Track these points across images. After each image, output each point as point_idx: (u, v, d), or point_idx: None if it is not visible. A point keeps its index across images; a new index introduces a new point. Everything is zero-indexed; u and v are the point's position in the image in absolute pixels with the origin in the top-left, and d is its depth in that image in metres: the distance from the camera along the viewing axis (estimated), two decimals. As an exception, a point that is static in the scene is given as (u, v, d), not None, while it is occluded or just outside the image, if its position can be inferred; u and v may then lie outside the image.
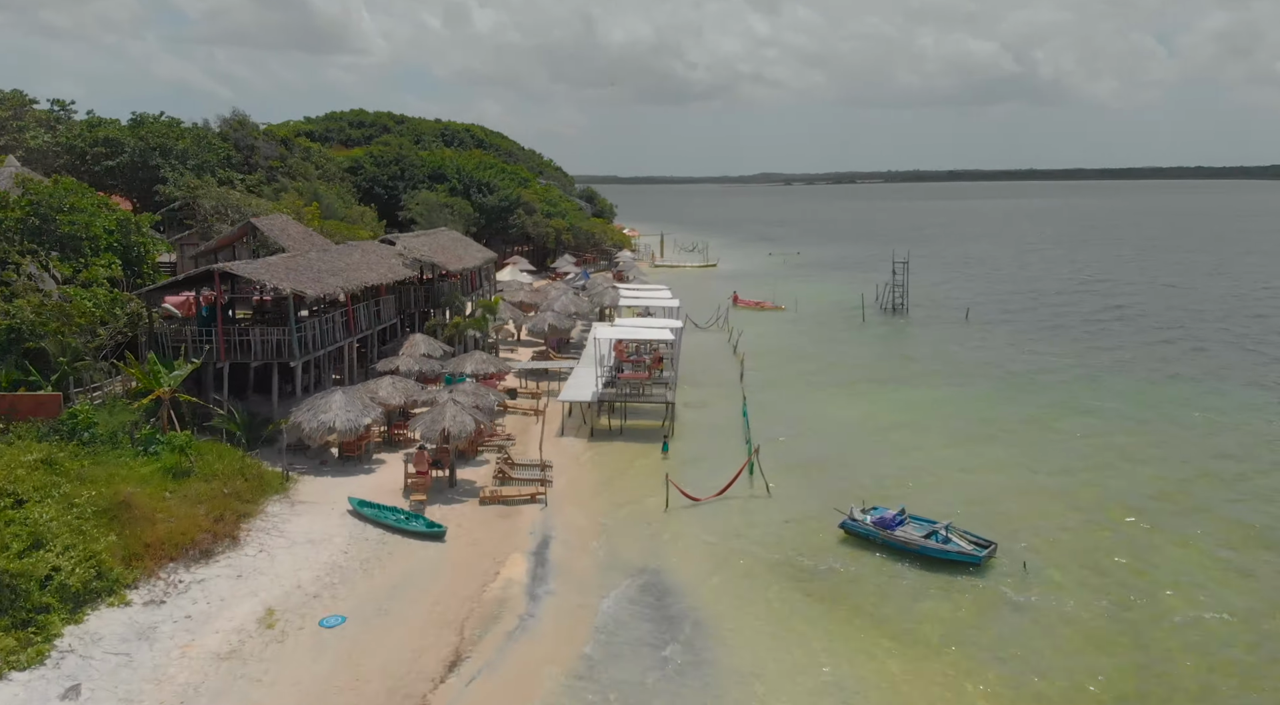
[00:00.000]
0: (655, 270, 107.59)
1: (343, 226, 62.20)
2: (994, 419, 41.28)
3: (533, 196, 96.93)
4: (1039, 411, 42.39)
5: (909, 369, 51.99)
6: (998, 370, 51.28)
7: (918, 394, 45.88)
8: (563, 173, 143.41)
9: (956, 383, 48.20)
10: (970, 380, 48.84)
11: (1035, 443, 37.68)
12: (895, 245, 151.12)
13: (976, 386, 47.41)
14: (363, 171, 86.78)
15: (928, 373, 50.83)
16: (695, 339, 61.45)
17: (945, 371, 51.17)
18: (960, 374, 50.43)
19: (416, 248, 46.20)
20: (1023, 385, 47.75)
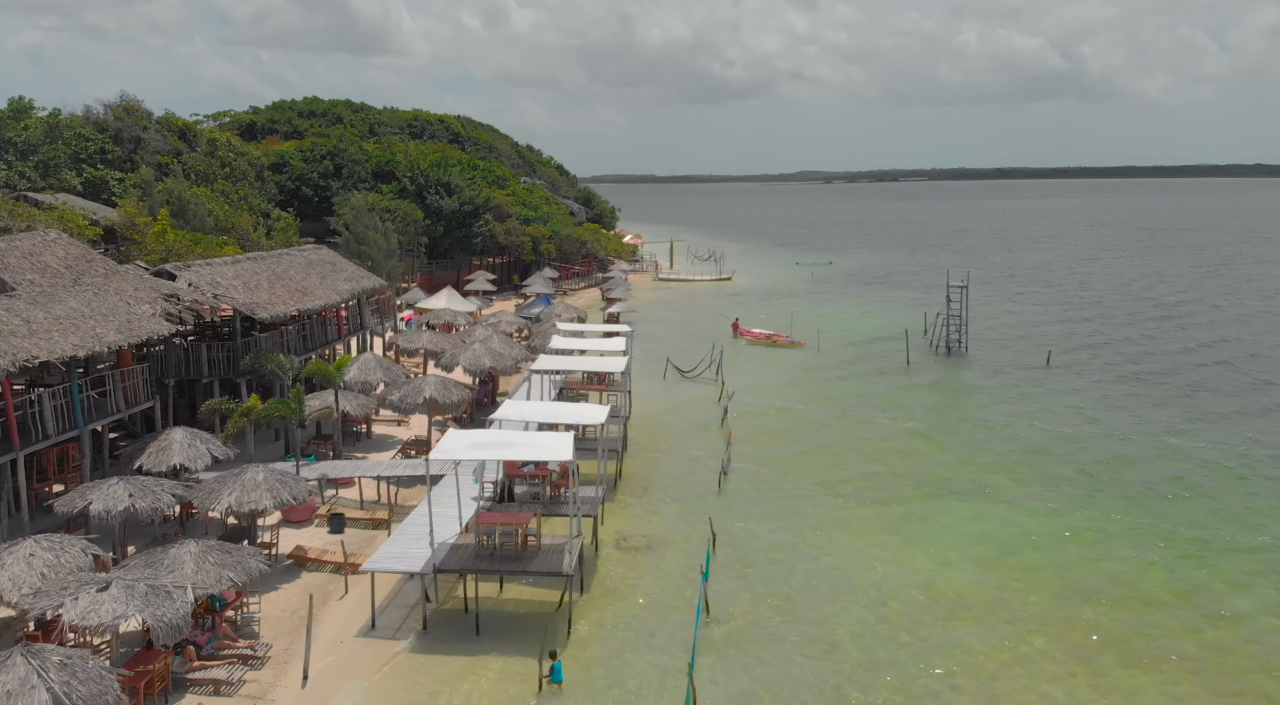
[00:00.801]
0: (659, 285, 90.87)
1: (206, 242, 46.33)
2: (1171, 592, 23.95)
3: (506, 199, 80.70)
4: (1241, 571, 25.00)
5: (987, 461, 34.53)
6: (1132, 471, 33.34)
7: (1010, 523, 28.42)
8: (560, 172, 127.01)
9: (1074, 498, 30.38)
10: (1094, 492, 31.02)
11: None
12: (940, 252, 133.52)
13: (1109, 508, 29.65)
14: (288, 169, 71.19)
15: (1017, 469, 33.34)
16: (674, 395, 44.60)
17: (1046, 468, 33.54)
18: (1074, 476, 32.52)
19: (213, 283, 30.00)
20: (1188, 507, 30.08)
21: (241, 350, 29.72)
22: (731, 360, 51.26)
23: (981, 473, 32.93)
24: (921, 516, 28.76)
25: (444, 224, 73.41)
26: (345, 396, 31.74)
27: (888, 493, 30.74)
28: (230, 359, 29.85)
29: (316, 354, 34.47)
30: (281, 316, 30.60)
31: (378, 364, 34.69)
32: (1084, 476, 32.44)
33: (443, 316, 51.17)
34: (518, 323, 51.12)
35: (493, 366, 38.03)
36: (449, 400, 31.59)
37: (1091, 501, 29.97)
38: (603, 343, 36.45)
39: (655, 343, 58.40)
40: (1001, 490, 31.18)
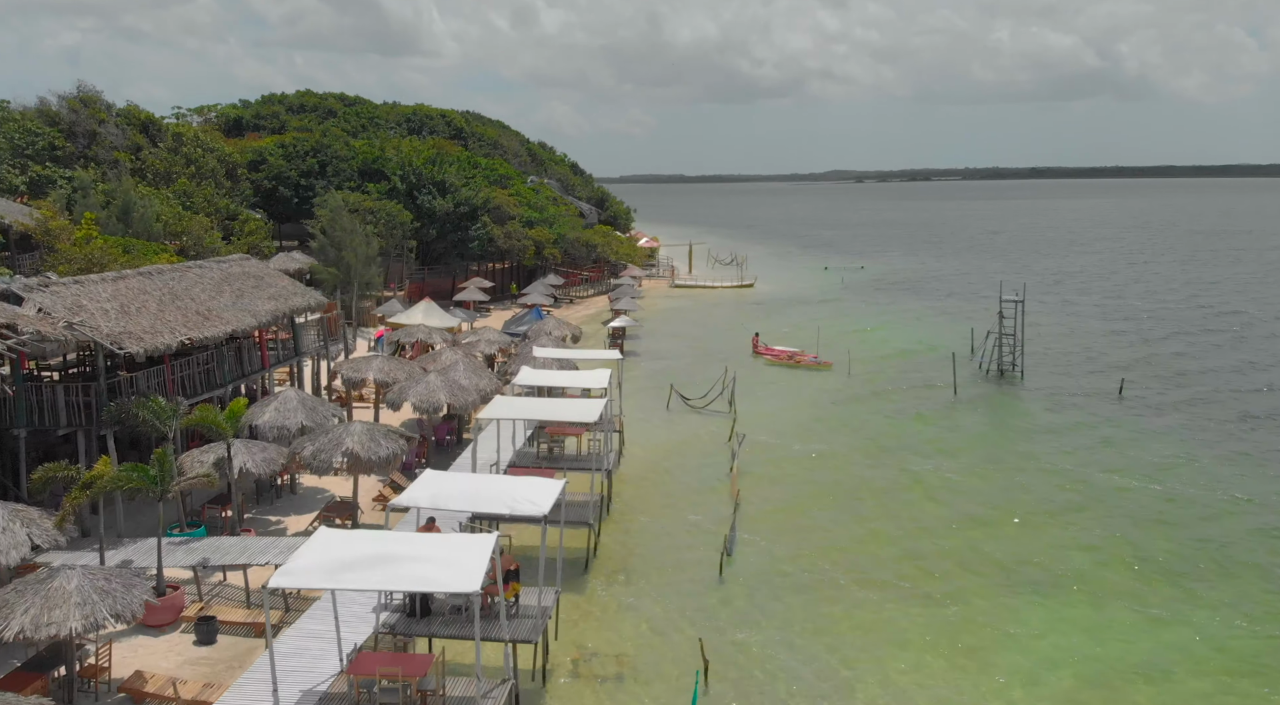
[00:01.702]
0: (674, 293, 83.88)
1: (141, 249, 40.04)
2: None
3: (508, 199, 74.04)
4: None
5: (1063, 534, 27.13)
6: (1260, 552, 25.89)
7: (1098, 637, 21.09)
8: (575, 171, 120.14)
9: (1183, 596, 23.01)
10: (1212, 587, 23.64)
11: None
12: (975, 255, 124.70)
13: (1236, 612, 22.27)
14: (266, 166, 64.99)
15: (1104, 548, 25.85)
16: (678, 431, 37.60)
17: (1143, 548, 26.06)
18: (1181, 561, 24.96)
19: (73, 308, 23.32)
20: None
21: (107, 393, 23.13)
22: (747, 385, 44.13)
23: (1057, 553, 25.54)
24: (982, 623, 21.51)
25: (437, 226, 66.88)
26: (249, 448, 25.09)
27: (937, 584, 23.51)
28: (92, 406, 23.28)
29: (234, 391, 27.93)
30: (162, 348, 24.00)
31: (300, 404, 27.99)
32: (1195, 562, 24.99)
33: (415, 333, 44.53)
34: (502, 341, 44.38)
35: (450, 402, 31.25)
36: (375, 455, 24.81)
37: (1209, 601, 22.57)
38: (582, 376, 29.50)
39: (662, 362, 51.44)
40: (1085, 581, 23.80)
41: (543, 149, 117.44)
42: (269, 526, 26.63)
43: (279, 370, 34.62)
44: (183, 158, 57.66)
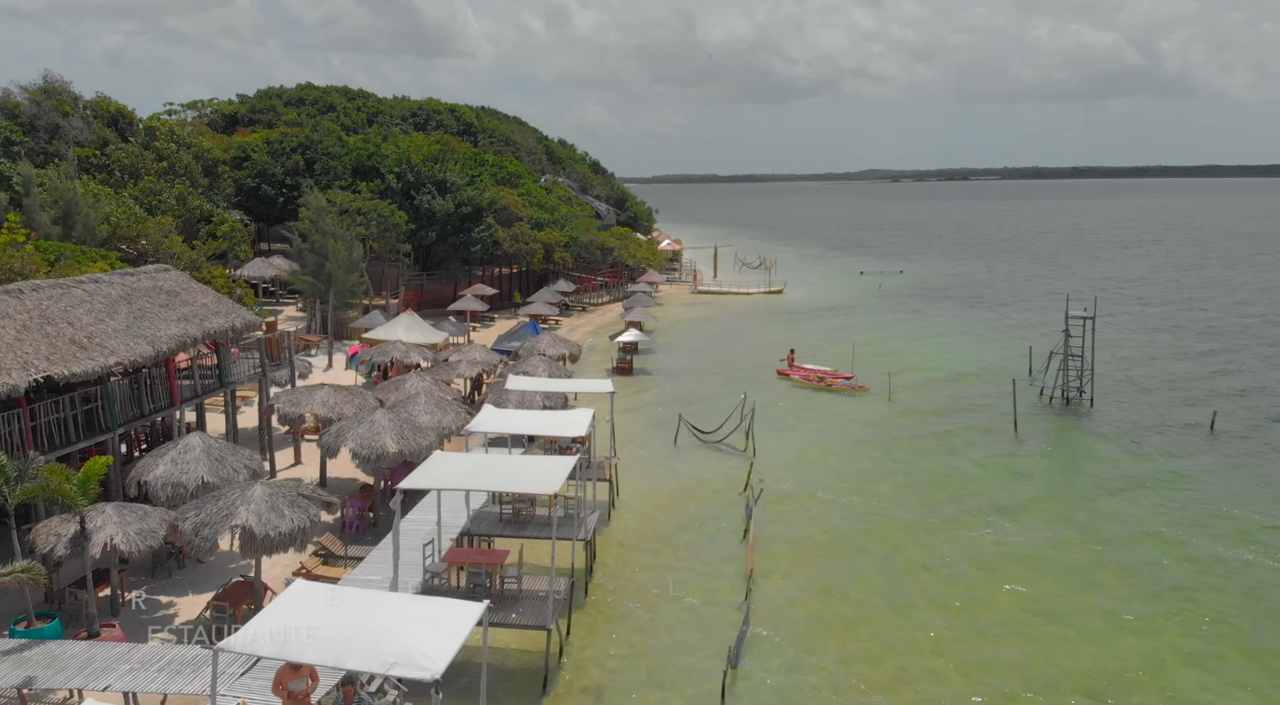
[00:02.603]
0: (695, 300, 77.82)
1: (77, 256, 34.96)
2: None
3: (516, 199, 68.43)
4: None
5: (1177, 639, 20.74)
6: None
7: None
8: (595, 169, 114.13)
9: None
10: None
11: None
12: (1017, 258, 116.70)
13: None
14: (250, 163, 59.92)
15: (1227, 658, 19.62)
16: (686, 471, 31.57)
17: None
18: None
19: None
20: None
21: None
22: (770, 413, 38.07)
23: (1175, 668, 19.23)
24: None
25: (436, 228, 61.45)
26: (124, 516, 19.55)
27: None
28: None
29: (129, 436, 22.49)
30: (2, 390, 18.53)
31: (204, 454, 22.41)
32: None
33: (391, 352, 38.93)
34: (489, 361, 38.65)
35: (399, 448, 25.54)
36: (275, 531, 19.12)
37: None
38: (556, 419, 23.57)
39: (675, 383, 45.47)
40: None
41: (562, 147, 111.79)
42: (154, 611, 21.12)
43: (211, 399, 29.13)
44: (153, 153, 52.76)
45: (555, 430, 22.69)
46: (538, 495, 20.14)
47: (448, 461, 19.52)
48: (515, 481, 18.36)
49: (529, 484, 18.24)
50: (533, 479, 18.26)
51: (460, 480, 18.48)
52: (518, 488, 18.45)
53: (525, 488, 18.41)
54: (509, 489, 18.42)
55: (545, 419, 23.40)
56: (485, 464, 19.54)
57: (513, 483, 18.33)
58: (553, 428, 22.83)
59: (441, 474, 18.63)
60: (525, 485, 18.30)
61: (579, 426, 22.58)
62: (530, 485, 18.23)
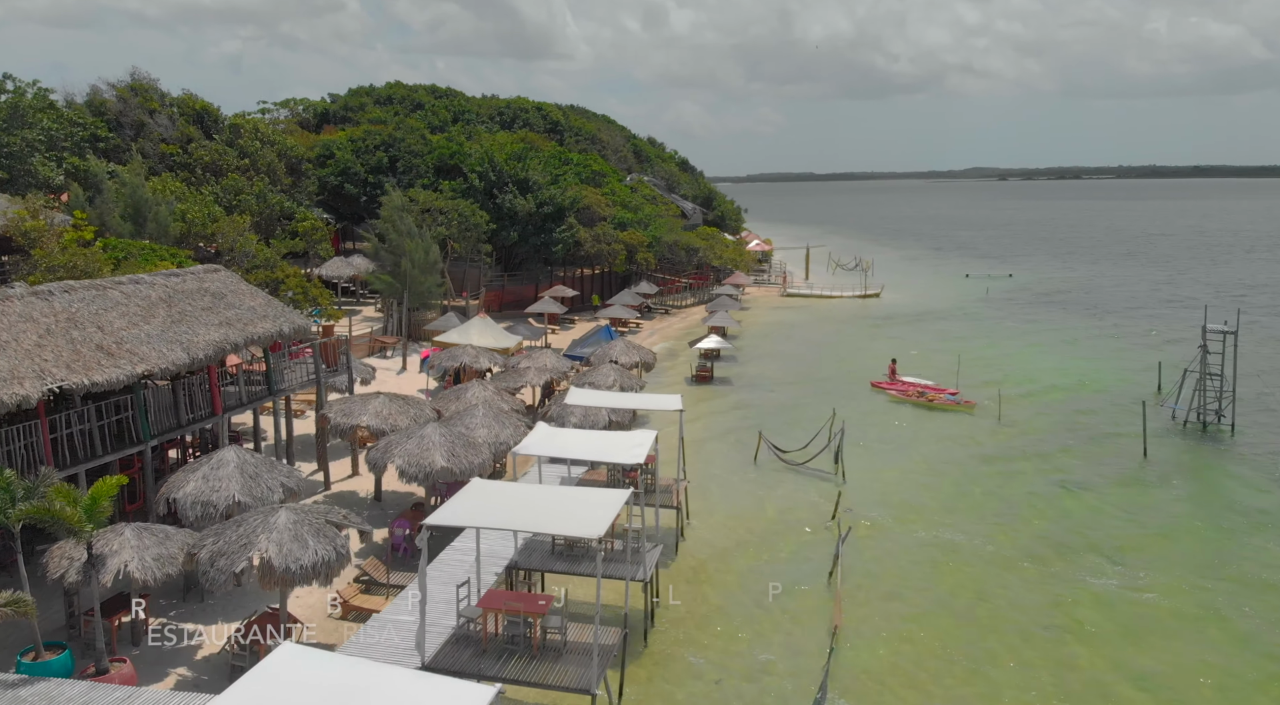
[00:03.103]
0: (785, 303, 74.35)
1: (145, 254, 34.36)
2: None
3: (599, 198, 66.38)
4: None
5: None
6: None
7: None
8: (683, 167, 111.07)
9: None
10: None
11: None
12: (1133, 262, 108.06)
13: None
14: (334, 161, 59.51)
15: None
16: (764, 498, 28.59)
17: None
18: None
19: None
20: None
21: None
22: (863, 431, 34.72)
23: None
24: None
25: (518, 228, 59.84)
26: (142, 540, 17.98)
27: None
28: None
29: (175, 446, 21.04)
30: (11, 400, 17.11)
31: (238, 471, 20.75)
32: None
33: (460, 356, 37.16)
34: (561, 368, 36.48)
35: (448, 466, 23.47)
36: (297, 564, 17.16)
37: None
38: (614, 443, 20.95)
39: (758, 394, 42.46)
40: None
41: (651, 145, 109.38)
42: (178, 642, 19.50)
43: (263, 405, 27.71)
44: (236, 151, 52.65)
45: (610, 454, 20.12)
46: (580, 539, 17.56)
47: (484, 492, 17.19)
48: (554, 520, 15.87)
49: (570, 524, 15.74)
50: (575, 519, 15.75)
51: (492, 516, 16.10)
52: (556, 528, 15.97)
53: (565, 529, 15.91)
54: (546, 529, 15.96)
55: (601, 442, 20.86)
56: (525, 497, 17.12)
57: (551, 521, 15.85)
58: (608, 452, 20.27)
59: (473, 508, 16.31)
60: (565, 526, 15.80)
61: (637, 452, 19.96)
62: (571, 526, 15.73)
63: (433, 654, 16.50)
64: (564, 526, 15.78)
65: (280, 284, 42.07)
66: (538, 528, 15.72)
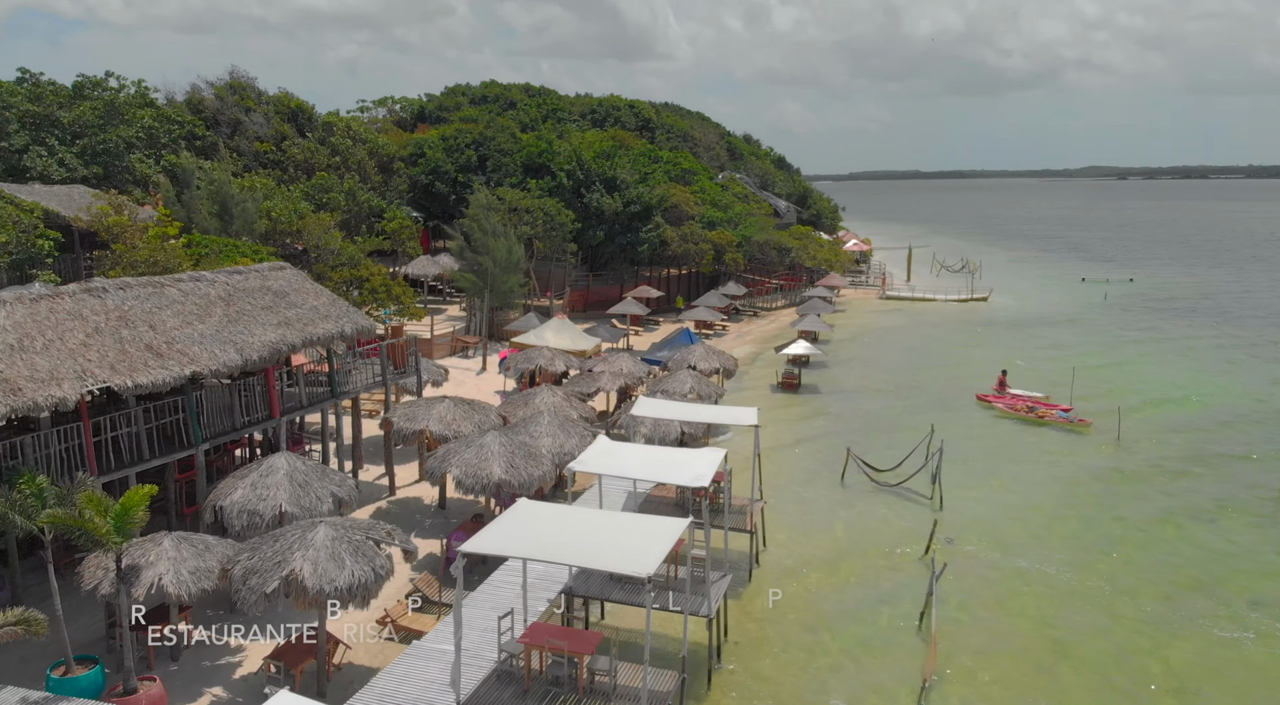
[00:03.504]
0: (883, 307, 70.94)
1: (228, 250, 34.40)
2: None
3: (686, 197, 64.56)
4: None
5: None
6: None
7: None
8: (779, 165, 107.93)
9: None
10: None
11: None
12: (1267, 268, 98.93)
13: None
14: (424, 160, 59.47)
15: None
16: (852, 523, 26.23)
17: None
18: None
19: None
20: None
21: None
22: (964, 450, 31.86)
23: None
24: None
25: (604, 227, 58.61)
26: (180, 551, 17.16)
27: None
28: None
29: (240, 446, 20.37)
30: (48, 402, 16.48)
31: (287, 479, 19.82)
32: None
33: (536, 358, 35.96)
34: (637, 373, 34.85)
35: (507, 478, 22.10)
36: (330, 584, 15.94)
37: None
38: (678, 461, 19.04)
39: (849, 405, 39.91)
40: None
41: (746, 142, 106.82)
42: (218, 657, 18.65)
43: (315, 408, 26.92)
44: (328, 149, 53.01)
45: (672, 475, 18.24)
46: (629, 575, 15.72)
47: (529, 516, 15.63)
48: (601, 552, 14.13)
49: (617, 558, 13.98)
50: (623, 552, 14.00)
51: (533, 545, 14.49)
52: (601, 562, 14.21)
53: (611, 563, 14.15)
54: (589, 563, 14.21)
55: (663, 460, 19.00)
56: (573, 523, 15.46)
57: (597, 554, 14.11)
58: (669, 471, 18.39)
59: (514, 535, 14.75)
60: (611, 560, 14.04)
61: (701, 473, 18.06)
62: (617, 560, 13.97)
63: (469, 693, 15.07)
64: (610, 560, 14.04)
65: (364, 282, 41.87)
66: (580, 561, 14.03)
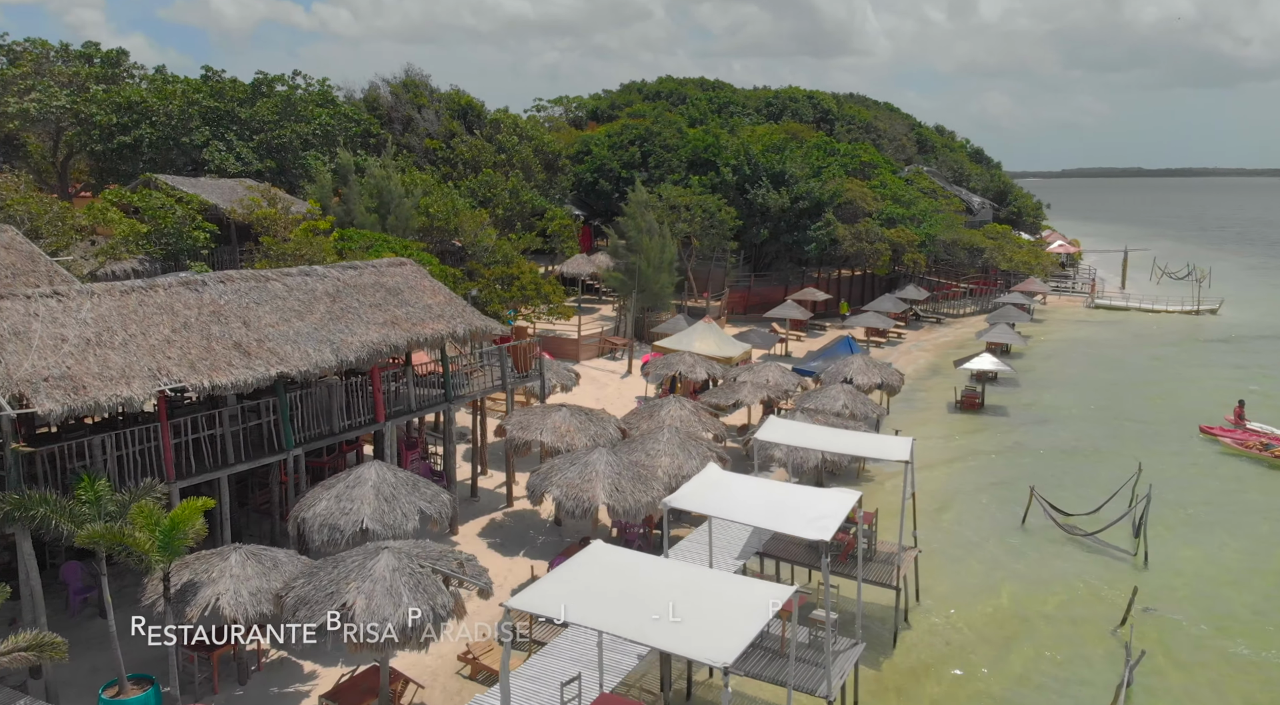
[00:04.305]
0: (1092, 316, 63.07)
1: (377, 246, 34.19)
2: None
3: (862, 192, 59.76)
4: None
5: None
6: None
7: None
8: (975, 158, 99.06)
9: None
10: None
11: None
12: None
13: None
14: (589, 158, 58.12)
15: None
16: (1037, 573, 21.73)
17: None
18: None
19: (8, 329, 15.61)
20: None
21: (17, 468, 15.06)
22: (1178, 493, 26.24)
23: None
24: None
25: (769, 225, 55.06)
26: (245, 568, 15.79)
27: None
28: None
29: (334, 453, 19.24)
30: (112, 402, 15.50)
31: (374, 491, 18.17)
32: None
33: (676, 364, 33.24)
34: (785, 385, 31.35)
35: (610, 503, 19.56)
36: (379, 625, 13.90)
37: None
38: (795, 506, 15.64)
39: (1039, 432, 34.57)
40: None
41: (939, 134, 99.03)
42: (287, 683, 17.21)
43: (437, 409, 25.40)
44: (495, 147, 52.70)
45: (785, 521, 14.81)
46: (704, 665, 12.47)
47: (598, 564, 12.91)
48: (670, 631, 11.12)
49: (689, 637, 10.93)
50: (700, 629, 10.96)
51: (592, 607, 11.70)
52: (667, 641, 11.18)
53: (680, 645, 11.09)
54: (651, 642, 11.18)
55: (777, 501, 15.59)
56: (645, 578, 12.57)
57: (665, 633, 11.10)
58: (781, 516, 14.99)
59: (574, 590, 12.05)
60: (682, 641, 11.00)
61: (826, 519, 14.63)
62: (690, 640, 10.92)
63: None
64: (680, 641, 11.02)
65: (514, 280, 40.87)
66: (642, 637, 11.09)
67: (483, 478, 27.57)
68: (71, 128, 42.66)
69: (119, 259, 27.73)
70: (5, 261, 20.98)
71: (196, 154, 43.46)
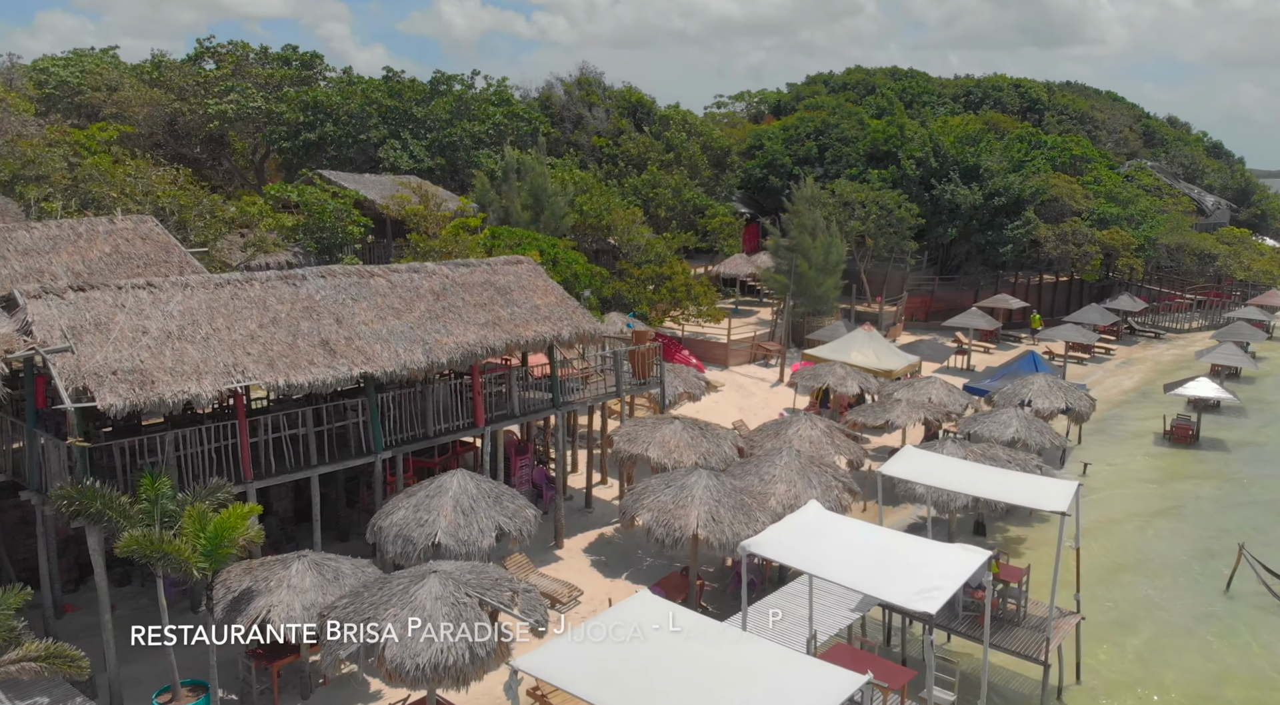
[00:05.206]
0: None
1: (527, 242, 33.79)
2: None
3: (1071, 189, 53.32)
4: None
5: None
6: None
7: None
8: (1213, 152, 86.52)
9: None
10: None
11: None
12: None
13: None
14: (760, 153, 55.39)
15: None
16: (1241, 654, 17.43)
17: None
18: None
19: (70, 327, 15.52)
20: None
21: (84, 460, 14.95)
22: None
23: None
24: None
25: (958, 224, 50.19)
26: (305, 579, 15.00)
27: None
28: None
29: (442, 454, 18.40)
30: (179, 399, 15.11)
31: (453, 503, 16.95)
32: None
33: (824, 375, 30.23)
34: (951, 405, 27.64)
35: (704, 533, 17.38)
36: (413, 660, 12.51)
37: None
38: (906, 565, 12.76)
39: (1263, 475, 28.79)
40: None
41: (1170, 126, 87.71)
42: (353, 700, 16.35)
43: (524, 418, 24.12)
44: (662, 143, 51.35)
45: (883, 585, 11.99)
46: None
47: (632, 626, 10.85)
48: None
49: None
50: None
51: (605, 688, 9.69)
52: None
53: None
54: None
55: (882, 555, 12.77)
56: (683, 658, 10.36)
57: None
58: (883, 578, 12.16)
59: (589, 659, 10.08)
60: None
61: (939, 582, 11.75)
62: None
63: None
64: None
65: (666, 279, 39.35)
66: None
67: (602, 487, 26.10)
68: (266, 127, 45.34)
69: (267, 251, 28.52)
70: (139, 251, 21.65)
71: (373, 151, 45.01)
